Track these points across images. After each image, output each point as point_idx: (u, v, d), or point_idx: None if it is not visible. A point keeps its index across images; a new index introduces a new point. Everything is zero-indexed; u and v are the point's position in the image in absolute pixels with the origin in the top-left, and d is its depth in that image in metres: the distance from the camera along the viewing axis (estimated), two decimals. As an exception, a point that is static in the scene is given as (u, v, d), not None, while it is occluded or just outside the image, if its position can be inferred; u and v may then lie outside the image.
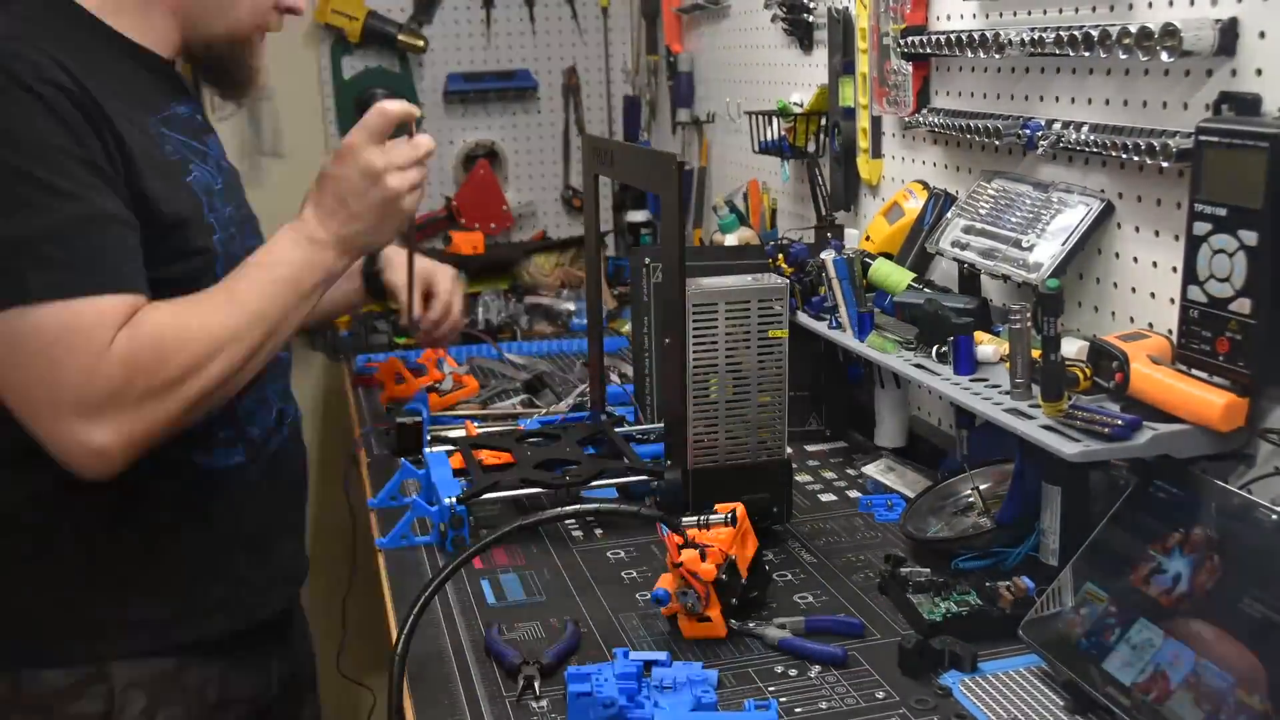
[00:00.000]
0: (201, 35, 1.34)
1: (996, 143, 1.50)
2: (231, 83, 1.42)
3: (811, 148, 2.09)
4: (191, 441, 1.29)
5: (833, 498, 1.62)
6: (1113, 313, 1.40)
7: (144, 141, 1.22)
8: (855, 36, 1.91)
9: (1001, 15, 1.55)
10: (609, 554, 1.44)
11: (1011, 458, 1.37)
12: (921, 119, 1.71)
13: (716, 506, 1.27)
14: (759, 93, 2.45)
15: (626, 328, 2.26)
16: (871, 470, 1.69)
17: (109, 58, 1.26)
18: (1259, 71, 1.14)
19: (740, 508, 1.27)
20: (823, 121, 2.06)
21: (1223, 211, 1.11)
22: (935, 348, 1.42)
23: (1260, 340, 1.08)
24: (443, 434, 1.75)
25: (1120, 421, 1.13)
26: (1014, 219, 1.47)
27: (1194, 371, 1.17)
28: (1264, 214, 1.07)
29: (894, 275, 1.59)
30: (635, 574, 1.39)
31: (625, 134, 3.24)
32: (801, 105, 2.10)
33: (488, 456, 1.62)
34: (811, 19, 2.15)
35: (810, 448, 1.82)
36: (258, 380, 1.32)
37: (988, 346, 1.37)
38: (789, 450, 1.47)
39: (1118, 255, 1.38)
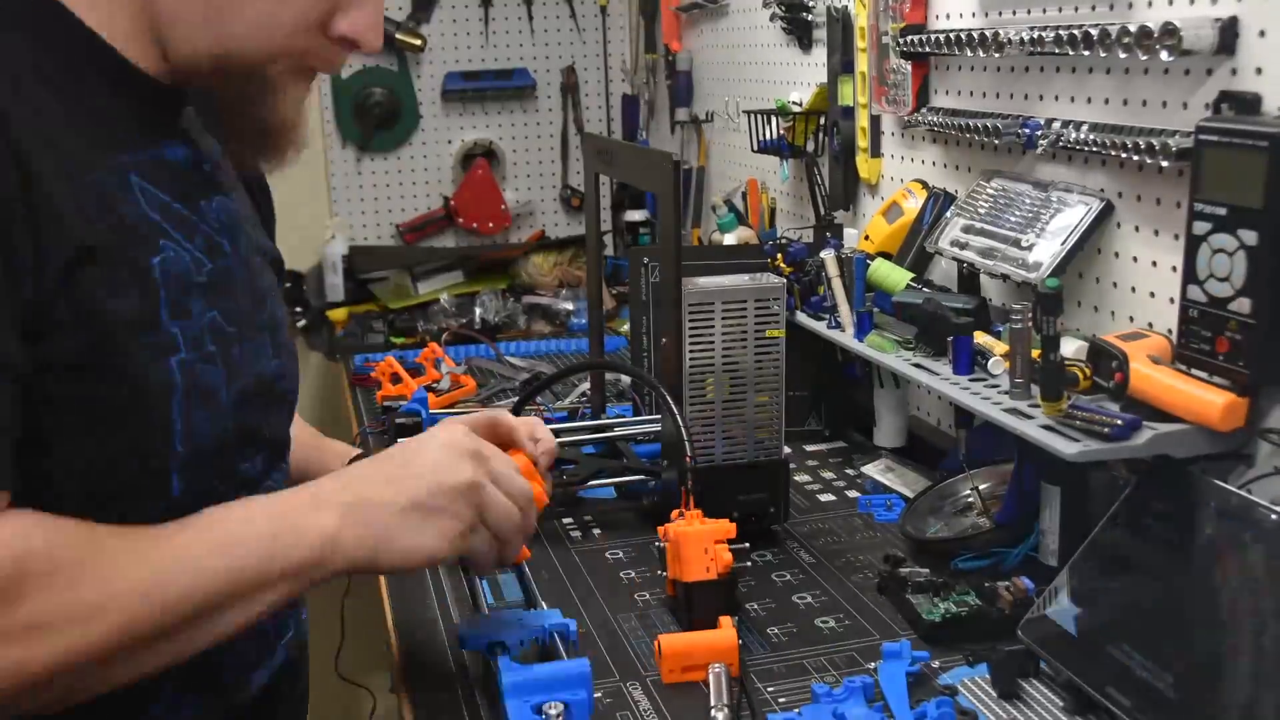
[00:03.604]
0: (183, 54, 0.88)
1: (996, 142, 1.50)
2: (240, 134, 0.94)
3: (810, 147, 2.09)
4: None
5: (831, 498, 1.62)
6: (1112, 312, 1.40)
7: (87, 200, 0.81)
8: (854, 35, 1.91)
9: (1001, 14, 1.55)
10: (607, 554, 1.44)
11: (1011, 458, 1.37)
12: (921, 118, 1.70)
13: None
14: (758, 92, 2.45)
15: (625, 327, 2.26)
16: (870, 470, 1.69)
17: (62, 68, 0.85)
18: (1259, 70, 1.13)
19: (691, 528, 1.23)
20: (822, 120, 2.06)
21: (1222, 211, 1.10)
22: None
23: (1260, 340, 1.08)
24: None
25: (1120, 421, 1.13)
26: (1013, 218, 1.46)
27: (1193, 371, 1.16)
28: (1264, 213, 1.06)
29: (893, 275, 1.59)
30: (634, 574, 1.38)
31: (624, 133, 3.24)
32: (800, 104, 2.10)
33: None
34: (810, 18, 2.15)
35: (809, 448, 1.82)
36: None
37: (997, 357, 1.35)
38: (787, 450, 1.46)
39: (1117, 255, 1.38)
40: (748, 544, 1.23)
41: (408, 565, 0.91)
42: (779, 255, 1.76)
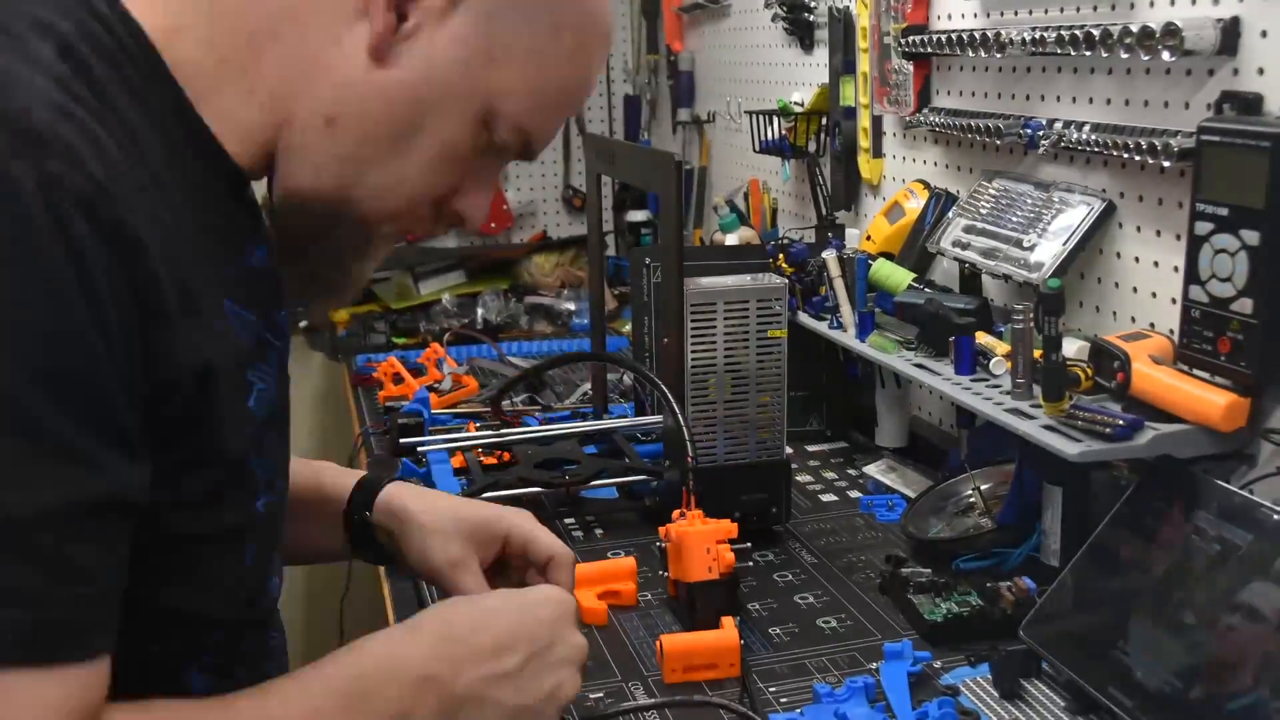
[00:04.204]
0: (296, 187, 0.82)
1: (997, 142, 1.50)
2: (310, 275, 0.88)
3: (812, 147, 2.09)
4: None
5: (833, 498, 1.62)
6: (1114, 313, 1.40)
7: (205, 333, 0.75)
8: (856, 35, 1.91)
9: (1003, 14, 1.55)
10: (609, 554, 1.44)
11: (1013, 458, 1.37)
12: (922, 118, 1.70)
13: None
14: (760, 92, 2.45)
15: (627, 328, 2.26)
16: (872, 470, 1.69)
17: (185, 168, 0.77)
18: (1261, 71, 1.13)
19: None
20: (823, 121, 2.06)
21: (1224, 211, 1.10)
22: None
23: (1262, 340, 1.08)
24: (443, 433, 1.75)
25: (1122, 422, 1.13)
26: (1015, 219, 1.46)
27: (1195, 371, 1.16)
28: (1266, 214, 1.06)
29: (894, 275, 1.59)
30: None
31: (626, 133, 3.23)
32: (802, 104, 2.10)
33: (488, 456, 1.62)
34: (812, 18, 2.15)
35: (811, 448, 1.82)
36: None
37: (999, 358, 1.35)
38: (789, 450, 1.46)
39: (1119, 255, 1.38)
40: (749, 544, 1.23)
41: None
42: (781, 255, 1.76)
